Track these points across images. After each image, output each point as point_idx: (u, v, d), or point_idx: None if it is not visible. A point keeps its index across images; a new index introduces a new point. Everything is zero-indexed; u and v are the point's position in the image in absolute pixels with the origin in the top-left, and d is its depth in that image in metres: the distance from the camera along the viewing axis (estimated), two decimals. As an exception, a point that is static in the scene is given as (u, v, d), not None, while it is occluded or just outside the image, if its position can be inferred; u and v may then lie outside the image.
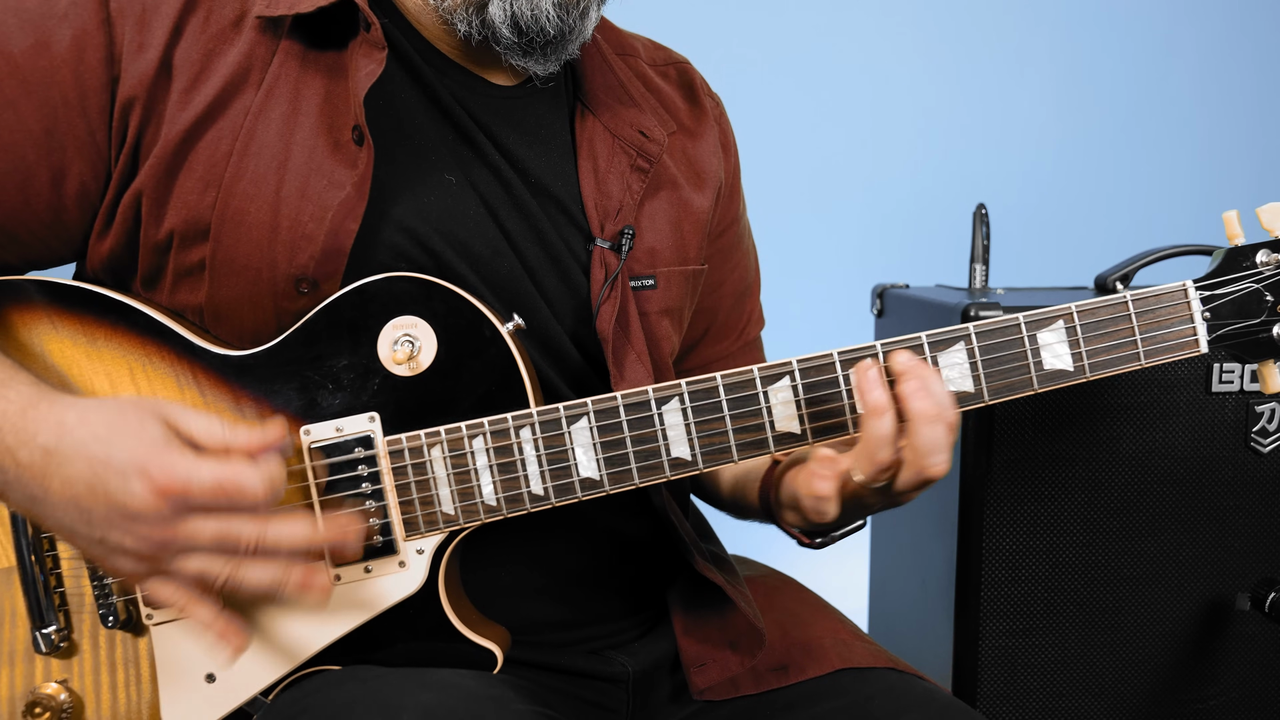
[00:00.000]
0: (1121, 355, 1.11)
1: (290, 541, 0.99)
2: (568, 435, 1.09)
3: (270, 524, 0.98)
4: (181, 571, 0.99)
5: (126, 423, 0.97)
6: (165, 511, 0.95)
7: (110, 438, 0.96)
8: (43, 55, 1.08)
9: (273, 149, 1.11)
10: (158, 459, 0.95)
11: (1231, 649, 1.77)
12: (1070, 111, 3.24)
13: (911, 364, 1.05)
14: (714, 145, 1.41)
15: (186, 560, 0.98)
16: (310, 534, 1.00)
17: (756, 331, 1.55)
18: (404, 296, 1.09)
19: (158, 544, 0.97)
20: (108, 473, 0.95)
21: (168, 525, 0.96)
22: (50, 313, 1.12)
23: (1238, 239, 1.13)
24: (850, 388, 1.09)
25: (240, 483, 0.96)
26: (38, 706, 1.11)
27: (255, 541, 0.97)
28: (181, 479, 0.94)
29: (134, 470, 0.95)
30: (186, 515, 0.96)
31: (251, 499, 0.96)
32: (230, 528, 0.97)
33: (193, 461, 0.96)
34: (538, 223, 1.23)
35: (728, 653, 1.27)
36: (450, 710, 0.99)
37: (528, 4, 1.16)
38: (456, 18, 1.18)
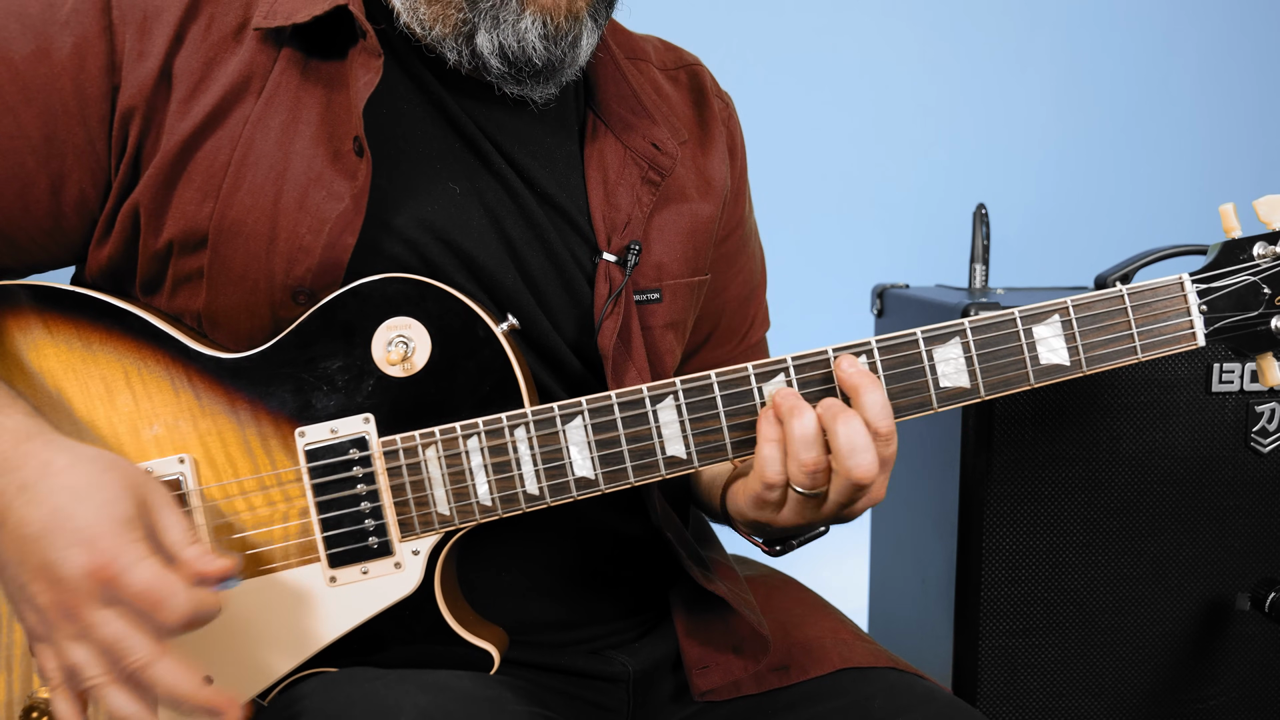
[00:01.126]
0: (1118, 349, 1.10)
1: (169, 684, 0.94)
2: (562, 434, 1.08)
3: (163, 658, 0.94)
4: (64, 654, 0.96)
5: (104, 490, 0.96)
6: (86, 589, 0.93)
7: (82, 498, 0.95)
8: (44, 62, 1.08)
9: (271, 159, 1.11)
10: (109, 539, 0.94)
11: (1231, 649, 1.77)
12: (1070, 112, 3.23)
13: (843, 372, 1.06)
14: (722, 152, 1.40)
15: (73, 647, 0.95)
16: (190, 691, 0.95)
17: (761, 334, 1.54)
18: (398, 298, 1.08)
19: (62, 615, 0.94)
20: (60, 530, 0.94)
21: (81, 602, 0.94)
22: (45, 317, 1.12)
23: (1234, 232, 1.12)
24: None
25: (166, 598, 0.93)
26: (35, 711, 1.11)
27: (140, 664, 0.94)
28: (118, 567, 0.93)
29: (85, 537, 0.93)
30: (102, 604, 0.94)
31: (168, 619, 0.93)
32: (128, 638, 0.94)
33: (137, 556, 0.94)
34: (543, 234, 1.23)
35: (731, 656, 1.27)
36: (446, 712, 0.99)
37: (514, 35, 1.14)
38: (446, 47, 1.17)
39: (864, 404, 1.04)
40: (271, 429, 1.10)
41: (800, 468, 1.04)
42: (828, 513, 1.08)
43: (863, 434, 1.03)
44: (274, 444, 1.10)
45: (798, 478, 1.05)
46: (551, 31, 1.15)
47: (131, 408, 1.11)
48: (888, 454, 1.05)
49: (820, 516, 1.09)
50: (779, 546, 1.24)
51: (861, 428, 1.03)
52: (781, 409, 1.05)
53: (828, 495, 1.06)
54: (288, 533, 1.10)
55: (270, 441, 1.10)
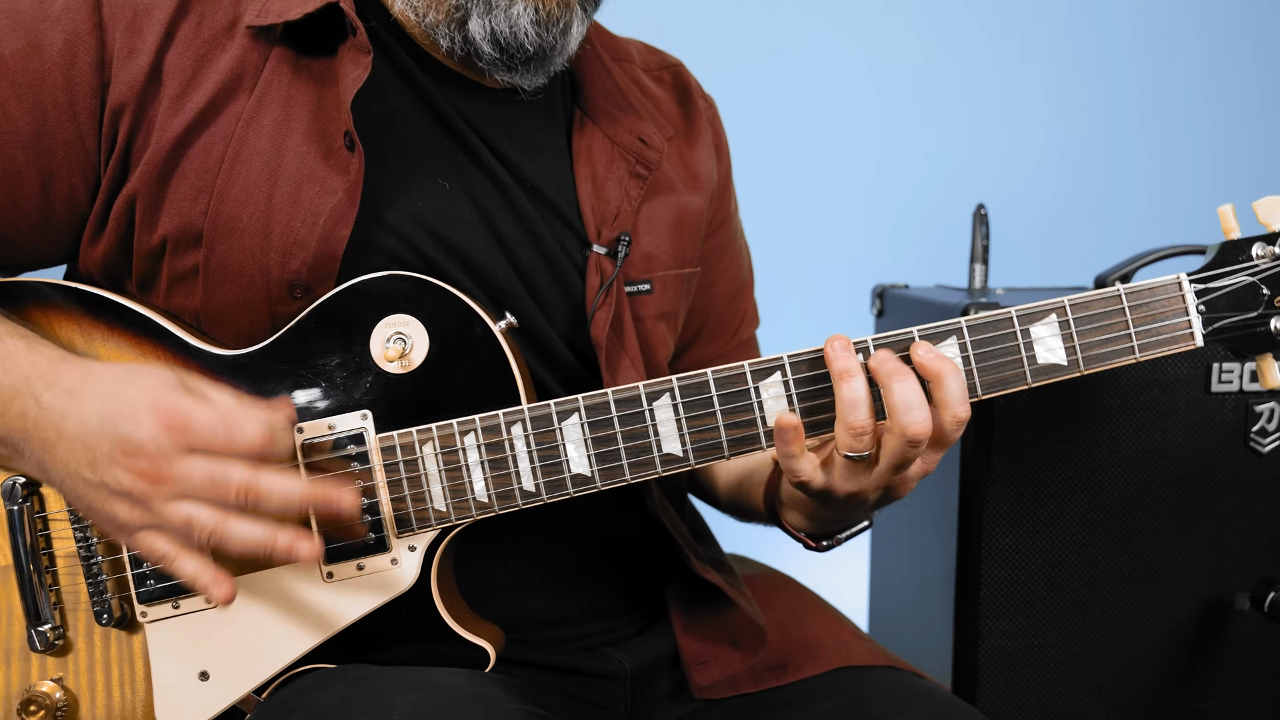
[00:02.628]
0: (1116, 349, 1.09)
1: (280, 495, 0.98)
2: (559, 431, 1.08)
3: (263, 474, 0.97)
4: (171, 519, 0.97)
5: (146, 372, 0.99)
6: (165, 444, 0.95)
7: (129, 378, 0.98)
8: (34, 58, 1.09)
9: (264, 156, 1.11)
10: (166, 397, 0.97)
11: (1231, 649, 1.77)
12: (1070, 112, 3.23)
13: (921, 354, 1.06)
14: (709, 148, 1.42)
15: (177, 506, 0.97)
16: (301, 491, 0.99)
17: (751, 330, 1.55)
18: (396, 295, 1.09)
19: (153, 480, 0.96)
20: (120, 406, 0.96)
21: (166, 460, 0.95)
22: (49, 313, 1.12)
23: (1233, 233, 1.12)
24: None
25: (241, 421, 0.97)
26: (33, 704, 1.11)
27: (245, 488, 0.96)
28: (184, 413, 0.96)
29: (144, 403, 0.96)
30: (184, 453, 0.96)
31: (248, 440, 0.97)
32: (222, 469, 0.96)
33: (198, 403, 0.97)
34: (534, 227, 1.23)
35: (729, 650, 1.27)
36: (440, 710, 0.99)
37: (505, 21, 1.16)
38: (439, 33, 1.18)
39: (946, 388, 1.04)
40: None
41: (849, 430, 1.04)
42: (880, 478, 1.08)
43: (918, 392, 1.03)
44: None
45: (846, 441, 1.05)
46: (543, 17, 1.16)
47: None
48: (955, 437, 1.06)
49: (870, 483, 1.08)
50: (825, 542, 1.22)
51: (916, 385, 1.04)
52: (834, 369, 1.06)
53: (878, 458, 1.06)
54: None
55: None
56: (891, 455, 1.05)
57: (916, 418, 1.02)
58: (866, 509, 1.14)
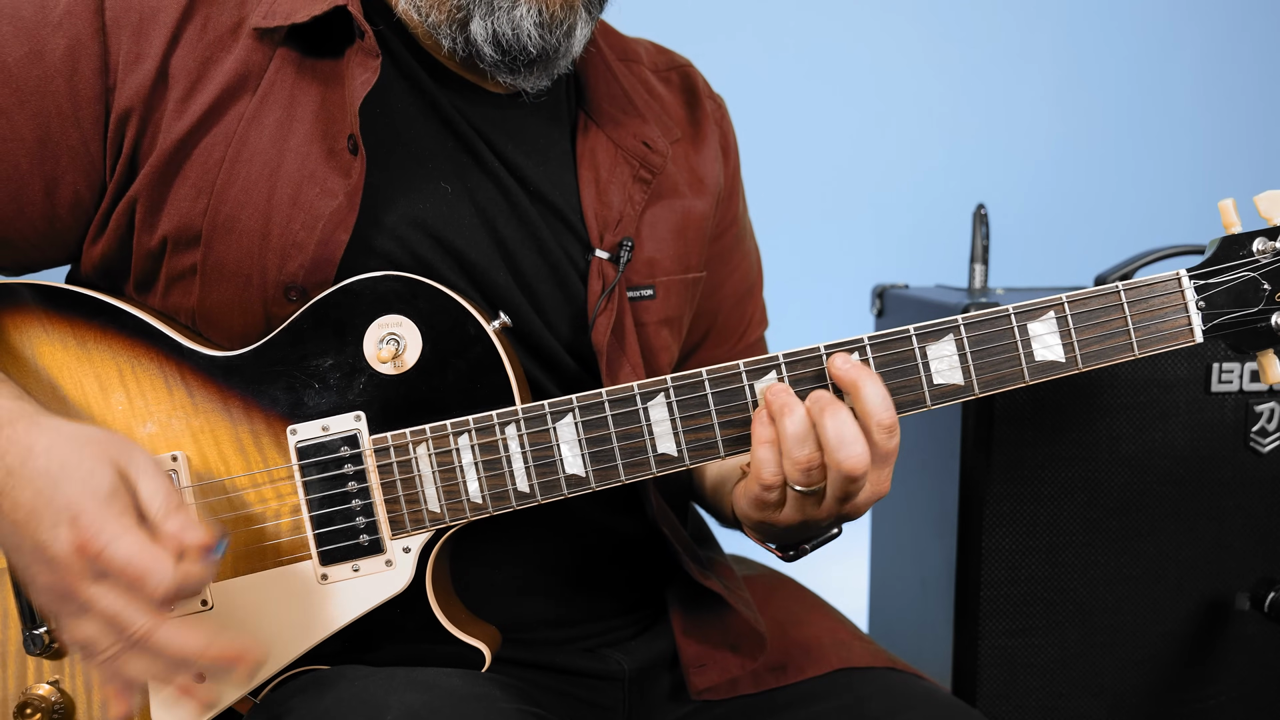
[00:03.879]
0: (1114, 346, 1.09)
1: (176, 650, 0.95)
2: (553, 432, 1.08)
3: (163, 626, 0.94)
4: (74, 631, 0.96)
5: (81, 465, 0.96)
6: (75, 566, 0.93)
7: (61, 477, 0.95)
8: (37, 64, 1.08)
9: (265, 156, 1.11)
10: (90, 514, 0.93)
11: (1231, 649, 1.76)
12: (1070, 111, 3.23)
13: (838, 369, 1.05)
14: (715, 150, 1.41)
15: (80, 623, 0.95)
16: (200, 648, 0.95)
17: (759, 333, 1.54)
18: (389, 295, 1.08)
19: (60, 595, 0.95)
20: (45, 510, 0.94)
21: (74, 581, 0.94)
22: (41, 316, 1.12)
23: (1234, 227, 1.10)
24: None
25: (148, 574, 0.93)
26: (29, 707, 1.11)
27: (140, 636, 0.94)
28: (100, 543, 0.93)
29: (66, 517, 0.93)
30: (94, 579, 0.94)
31: (152, 594, 0.93)
32: (124, 612, 0.94)
33: (119, 531, 0.93)
34: (536, 231, 1.23)
35: (728, 654, 1.27)
36: (435, 710, 0.98)
37: (508, 23, 1.15)
38: (441, 34, 1.18)
39: (864, 397, 1.02)
40: (264, 426, 1.10)
41: (794, 465, 1.03)
42: (827, 509, 1.07)
43: (851, 425, 1.02)
44: (266, 441, 1.10)
45: (794, 476, 1.04)
46: (546, 19, 1.15)
47: (125, 406, 1.11)
48: (890, 446, 1.04)
49: (821, 514, 1.07)
50: (792, 552, 1.20)
51: (849, 419, 1.02)
52: (773, 407, 1.04)
53: (825, 491, 1.05)
54: (279, 530, 1.10)
55: (263, 439, 1.10)
56: (834, 488, 1.04)
57: (851, 452, 1.01)
58: (820, 530, 1.13)
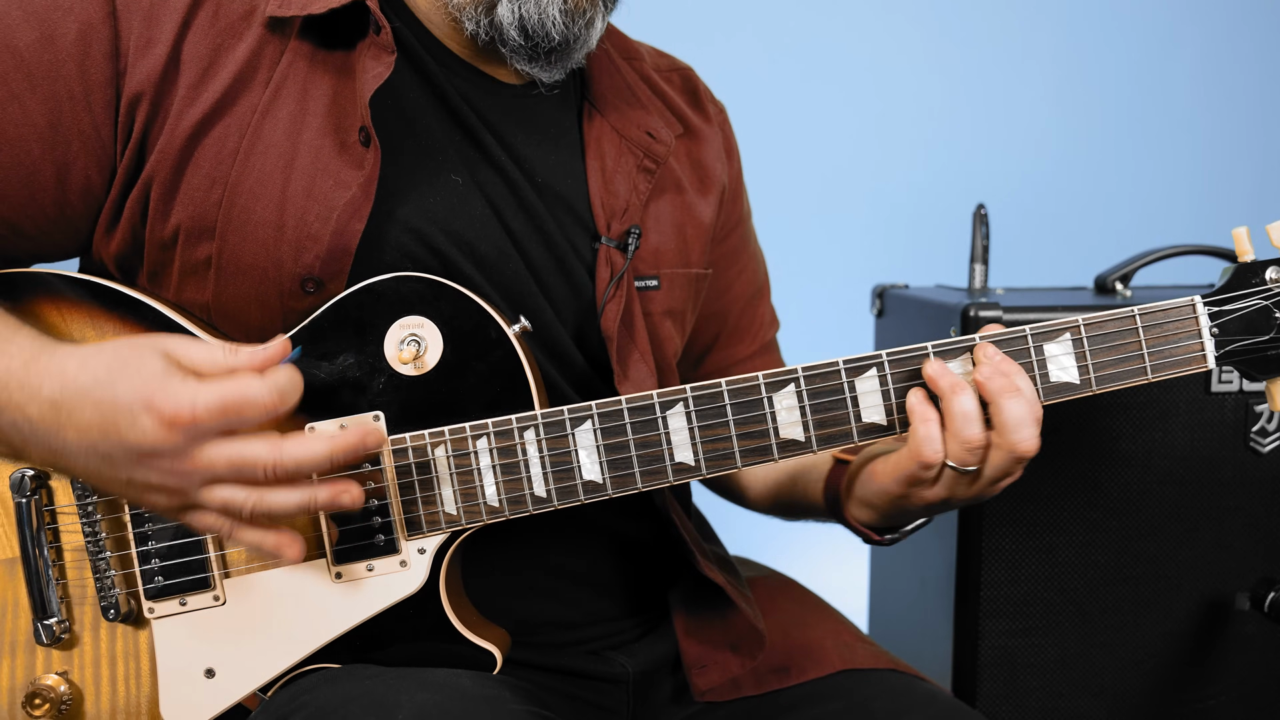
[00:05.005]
0: (1128, 369, 1.11)
1: (309, 458, 0.96)
2: (571, 438, 1.08)
3: (285, 444, 0.96)
4: (209, 503, 0.97)
5: (126, 362, 0.96)
6: (179, 442, 0.94)
7: (112, 379, 0.95)
8: (48, 49, 1.08)
9: (279, 148, 1.11)
10: (161, 391, 0.93)
11: (1231, 649, 1.77)
12: (1070, 111, 3.23)
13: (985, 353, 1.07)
14: (718, 149, 1.42)
15: (211, 491, 0.96)
16: (328, 448, 0.98)
17: (772, 333, 1.55)
18: (411, 296, 1.09)
19: (180, 475, 0.95)
20: (115, 414, 0.94)
21: (184, 456, 0.94)
22: (60, 306, 1.12)
23: (1247, 255, 1.12)
24: (855, 395, 1.09)
25: (246, 395, 0.94)
26: (37, 698, 1.11)
27: (272, 464, 0.95)
28: (186, 406, 0.93)
29: (140, 406, 0.93)
30: (200, 443, 0.94)
31: (260, 410, 0.95)
32: (245, 452, 0.95)
33: (195, 387, 0.94)
34: (543, 223, 1.23)
35: (729, 654, 1.27)
36: (445, 710, 0.99)
37: (535, 8, 1.16)
38: (465, 15, 1.18)
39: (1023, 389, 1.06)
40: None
41: (962, 445, 1.05)
42: (979, 488, 1.09)
43: (1027, 409, 1.05)
44: None
45: (958, 455, 1.06)
46: (572, 8, 1.17)
47: None
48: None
49: (970, 493, 1.10)
50: (890, 535, 1.23)
51: (1025, 403, 1.05)
52: (941, 384, 1.06)
53: (983, 471, 1.07)
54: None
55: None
56: (997, 469, 1.06)
57: (1026, 434, 1.04)
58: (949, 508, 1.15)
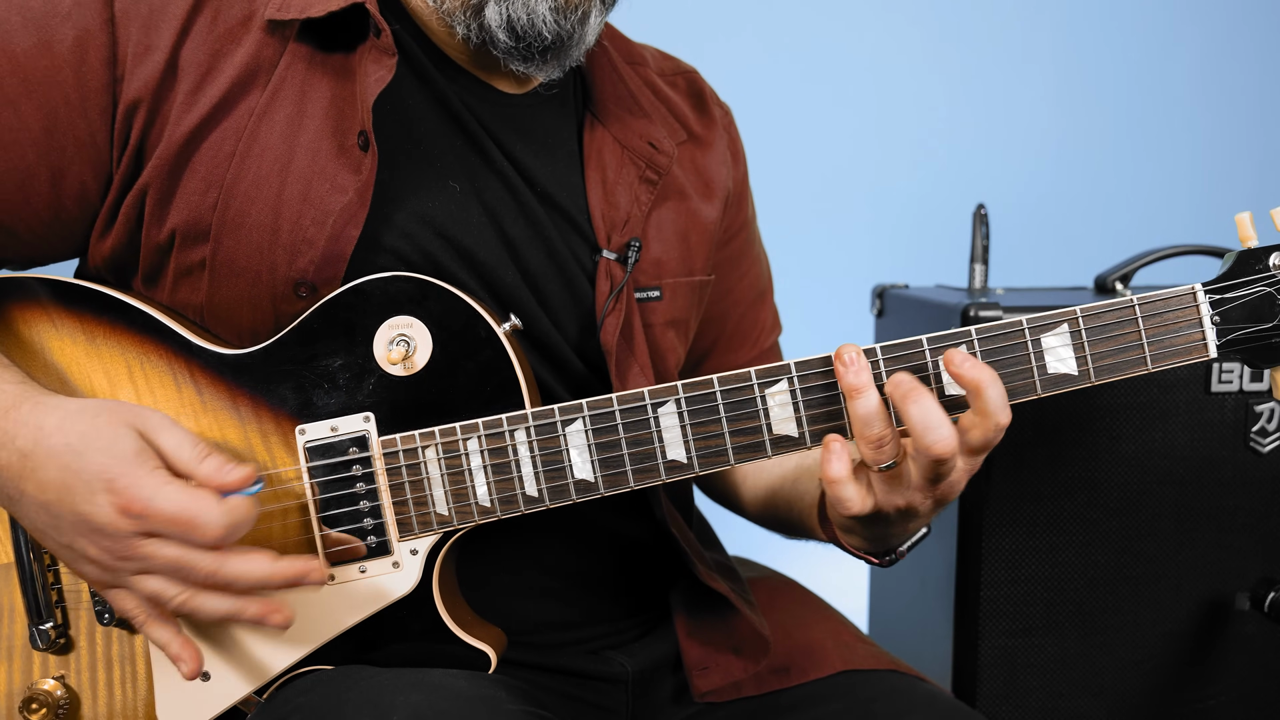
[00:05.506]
0: (1128, 360, 1.07)
1: (245, 578, 0.98)
2: (563, 437, 1.08)
3: (227, 560, 0.97)
4: (138, 588, 0.99)
5: (100, 433, 0.97)
6: (125, 529, 0.95)
7: (83, 448, 0.96)
8: (45, 55, 1.08)
9: (276, 151, 1.10)
10: (125, 476, 0.95)
11: (1231, 649, 1.77)
12: (1070, 111, 3.23)
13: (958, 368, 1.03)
14: (723, 154, 1.41)
15: (144, 579, 0.98)
16: (267, 572, 0.99)
17: (773, 338, 1.54)
18: (400, 296, 1.08)
19: (118, 558, 0.97)
20: (76, 482, 0.96)
21: (128, 542, 0.96)
22: (50, 310, 1.12)
23: (1250, 241, 1.08)
24: None
25: (198, 519, 0.95)
26: (34, 702, 1.11)
27: (210, 572, 0.97)
28: (143, 501, 0.94)
29: (100, 484, 0.95)
30: (146, 537, 0.96)
31: (206, 537, 0.95)
32: (186, 557, 0.96)
33: (158, 485, 0.95)
34: (544, 231, 1.23)
35: (731, 657, 1.27)
36: (440, 711, 0.98)
37: (523, 8, 1.14)
38: (455, 20, 1.17)
39: (988, 397, 1.01)
40: (272, 426, 1.10)
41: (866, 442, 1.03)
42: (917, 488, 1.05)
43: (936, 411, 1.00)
44: (274, 441, 1.10)
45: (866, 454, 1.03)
46: (561, 4, 1.15)
47: (134, 402, 1.10)
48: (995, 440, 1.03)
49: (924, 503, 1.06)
50: (889, 556, 1.20)
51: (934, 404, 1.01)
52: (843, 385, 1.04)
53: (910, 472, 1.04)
54: (286, 530, 1.10)
55: (271, 438, 1.10)
56: (923, 472, 1.03)
57: (938, 436, 1.00)
58: (922, 518, 1.11)
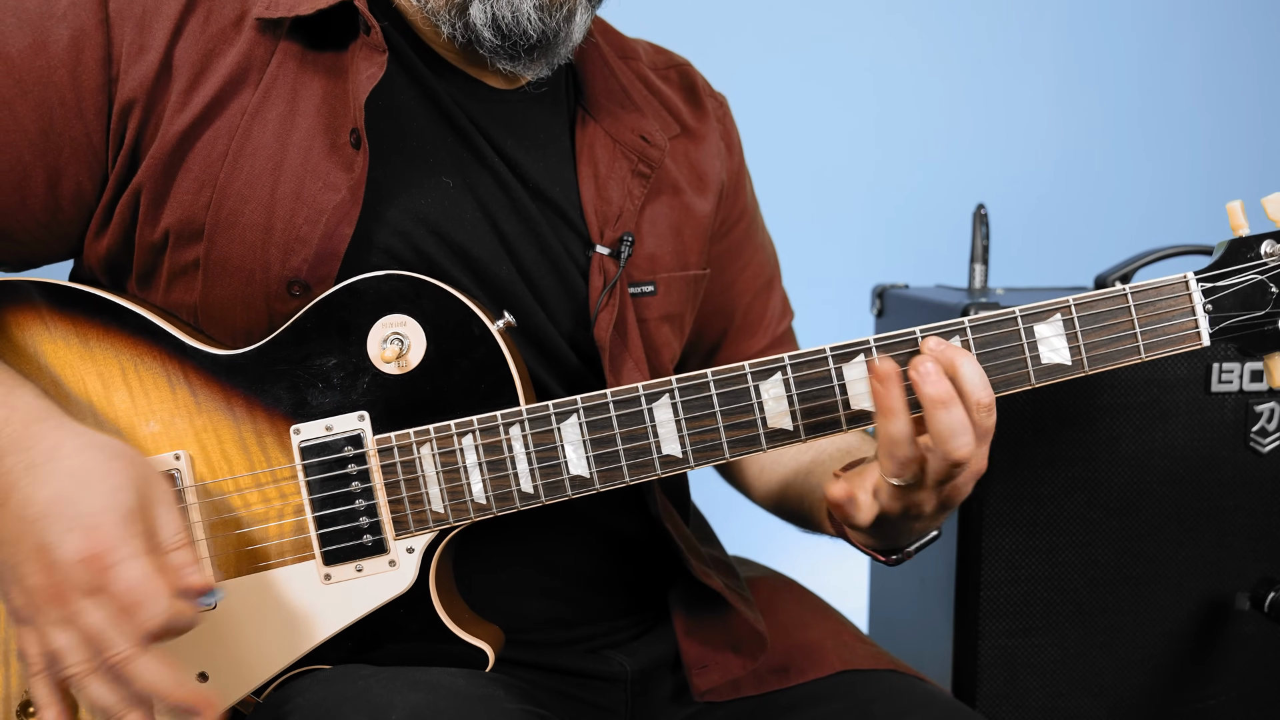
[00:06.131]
0: (1121, 349, 1.08)
1: (147, 681, 0.94)
2: (557, 433, 1.08)
3: (144, 655, 0.93)
4: (46, 640, 0.95)
5: (109, 478, 0.95)
6: (77, 576, 0.92)
7: (85, 485, 0.95)
8: (40, 55, 1.08)
9: (268, 150, 1.10)
10: (107, 528, 0.93)
11: (1231, 649, 1.77)
12: (1070, 111, 3.22)
13: (931, 347, 1.04)
14: (716, 146, 1.40)
15: (56, 632, 0.94)
16: (168, 687, 0.94)
17: (785, 324, 1.53)
18: (393, 295, 1.08)
19: (49, 598, 0.94)
20: (61, 514, 0.93)
21: (69, 588, 0.93)
22: (43, 313, 1.11)
23: (1242, 230, 1.09)
24: (843, 383, 1.07)
25: (145, 601, 0.92)
26: (32, 706, 1.11)
27: (118, 660, 0.93)
28: (110, 561, 0.92)
29: (81, 525, 0.93)
30: (88, 593, 0.93)
31: (143, 622, 0.93)
32: (109, 632, 0.93)
33: (131, 553, 0.93)
34: (536, 227, 1.23)
35: (730, 655, 1.26)
36: (438, 710, 0.98)
37: (508, 6, 1.14)
38: (440, 19, 1.17)
39: (963, 376, 1.02)
40: (267, 426, 1.10)
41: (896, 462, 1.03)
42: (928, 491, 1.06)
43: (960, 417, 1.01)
44: (269, 441, 1.10)
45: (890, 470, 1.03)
46: (546, 2, 1.15)
47: (128, 404, 1.10)
48: (989, 424, 1.03)
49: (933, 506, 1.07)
50: (895, 555, 1.20)
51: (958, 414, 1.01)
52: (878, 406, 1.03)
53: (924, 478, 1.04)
54: (282, 530, 1.10)
55: (266, 438, 1.10)
56: (936, 475, 1.03)
57: (961, 443, 1.01)
58: (927, 519, 1.11)
